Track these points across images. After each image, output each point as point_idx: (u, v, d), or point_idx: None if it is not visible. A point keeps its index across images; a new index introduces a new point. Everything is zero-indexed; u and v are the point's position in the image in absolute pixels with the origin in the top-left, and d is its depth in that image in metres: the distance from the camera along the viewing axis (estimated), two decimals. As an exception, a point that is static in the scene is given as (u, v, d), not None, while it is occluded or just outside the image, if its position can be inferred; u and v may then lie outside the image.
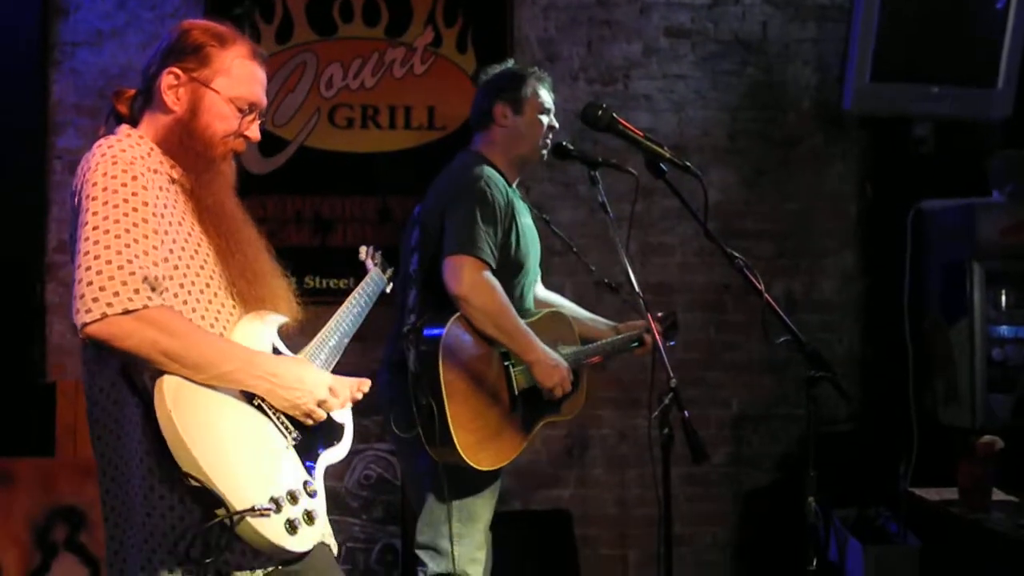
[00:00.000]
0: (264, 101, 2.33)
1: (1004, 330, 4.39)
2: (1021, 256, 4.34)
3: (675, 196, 2.95)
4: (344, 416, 2.37)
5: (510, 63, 3.73)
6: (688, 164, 2.90)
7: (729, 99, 5.20)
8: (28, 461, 4.73)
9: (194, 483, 1.97)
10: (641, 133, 2.99)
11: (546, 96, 3.55)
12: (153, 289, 2.01)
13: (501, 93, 3.52)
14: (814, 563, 2.74)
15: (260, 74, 2.31)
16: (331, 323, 2.50)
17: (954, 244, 4.43)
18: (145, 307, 1.98)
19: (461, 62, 5.07)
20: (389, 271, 3.00)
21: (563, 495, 5.11)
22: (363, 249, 3.02)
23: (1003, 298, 4.41)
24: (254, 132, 2.31)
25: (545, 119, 3.52)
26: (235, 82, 2.25)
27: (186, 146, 2.22)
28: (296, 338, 2.40)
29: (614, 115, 3.04)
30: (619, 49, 5.17)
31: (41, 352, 4.92)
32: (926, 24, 4.56)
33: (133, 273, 1.98)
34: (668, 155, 2.93)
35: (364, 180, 4.99)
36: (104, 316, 1.95)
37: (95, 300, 1.96)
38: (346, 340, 2.52)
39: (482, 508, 3.39)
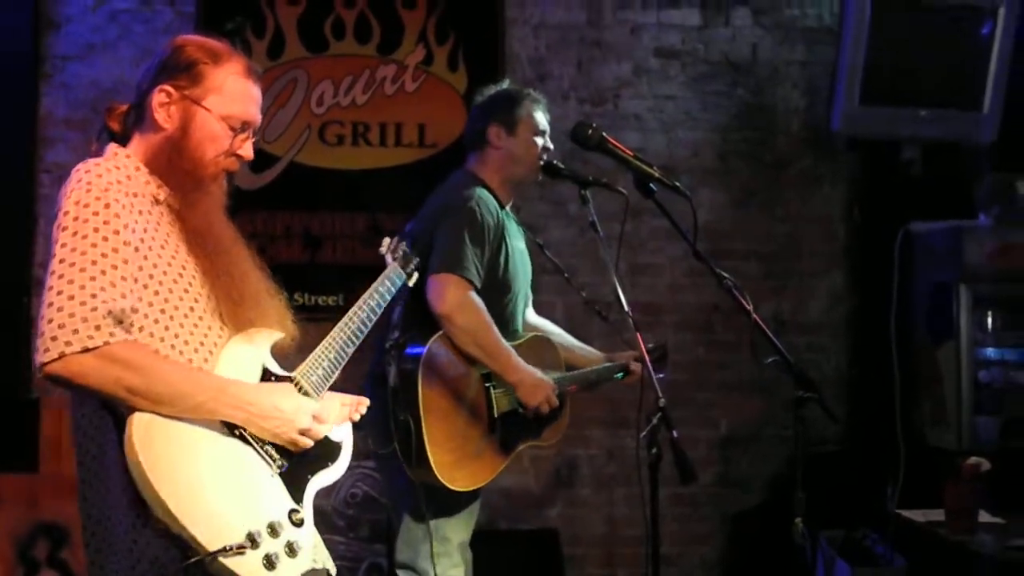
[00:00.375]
0: (258, 119, 2.27)
1: (990, 352, 4.39)
2: (1008, 279, 4.35)
3: (664, 216, 2.95)
4: (342, 434, 2.32)
5: (505, 83, 3.71)
6: (677, 184, 2.90)
7: (719, 120, 5.22)
8: (11, 477, 4.72)
9: (160, 526, 1.94)
10: (631, 152, 2.99)
11: (540, 118, 3.54)
12: (120, 322, 1.97)
13: (495, 114, 3.50)
14: None
15: (254, 91, 2.26)
16: (329, 337, 2.41)
17: (941, 266, 4.44)
18: (106, 343, 1.93)
19: (452, 80, 5.09)
20: (414, 262, 2.86)
21: (551, 514, 5.11)
22: (386, 241, 2.85)
23: (989, 320, 4.41)
24: (247, 151, 2.26)
25: (539, 140, 3.51)
26: (228, 100, 2.20)
27: (175, 165, 2.18)
28: (294, 356, 2.34)
29: (604, 135, 3.03)
30: (609, 69, 5.19)
31: (26, 367, 4.83)
32: (914, 48, 4.58)
33: (95, 309, 1.93)
34: (657, 175, 2.93)
35: (354, 197, 4.98)
36: (62, 355, 1.91)
37: (53, 339, 1.91)
38: (350, 349, 2.43)
39: (457, 528, 3.38)
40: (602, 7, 5.18)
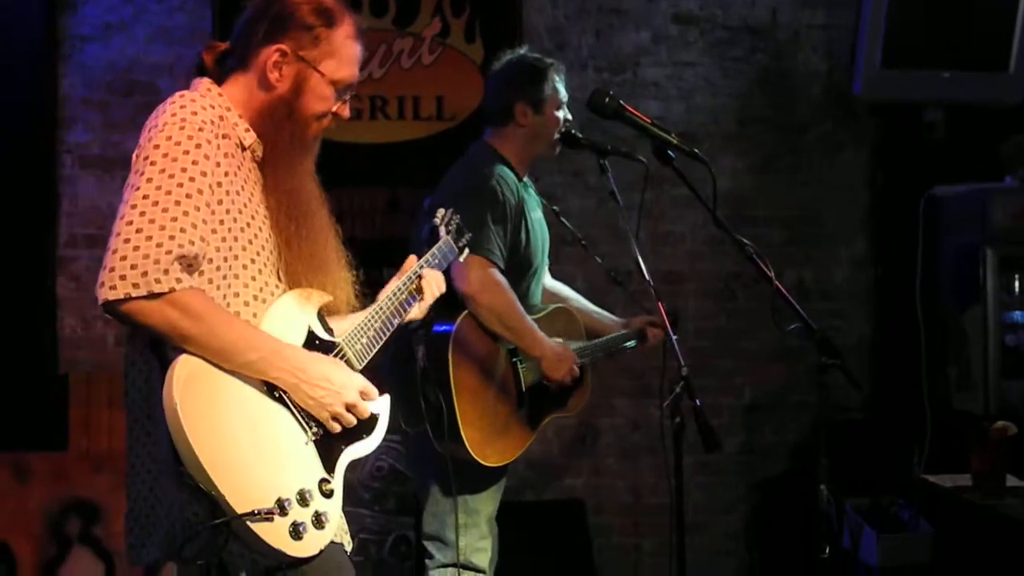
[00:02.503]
0: (357, 79, 2.27)
1: (1017, 315, 4.39)
2: None
3: (684, 184, 2.93)
4: (379, 406, 2.28)
5: (523, 50, 3.67)
6: (696, 151, 2.88)
7: (738, 86, 5.21)
8: (41, 455, 4.76)
9: (190, 482, 1.92)
10: (648, 119, 2.98)
11: (563, 91, 3.52)
12: (189, 267, 1.97)
13: (522, 91, 3.46)
14: (827, 551, 2.74)
15: (360, 52, 2.25)
16: (376, 306, 2.40)
17: (967, 230, 4.43)
18: (172, 290, 1.92)
19: (469, 52, 5.08)
20: (467, 236, 2.84)
21: (576, 484, 5.14)
22: (440, 212, 2.80)
23: (1016, 283, 4.41)
24: (345, 111, 2.27)
25: (561, 114, 3.50)
26: (340, 64, 2.20)
27: (282, 126, 2.17)
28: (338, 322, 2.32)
29: (621, 102, 3.02)
30: (628, 37, 5.17)
31: (53, 345, 4.95)
32: (936, 9, 4.56)
33: (170, 252, 1.93)
34: (676, 142, 2.92)
35: (373, 171, 4.98)
36: (128, 297, 1.91)
37: (122, 278, 1.91)
38: (396, 320, 2.42)
39: (486, 501, 3.41)
40: (620, -26, 5.17)
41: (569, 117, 3.55)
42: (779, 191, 5.20)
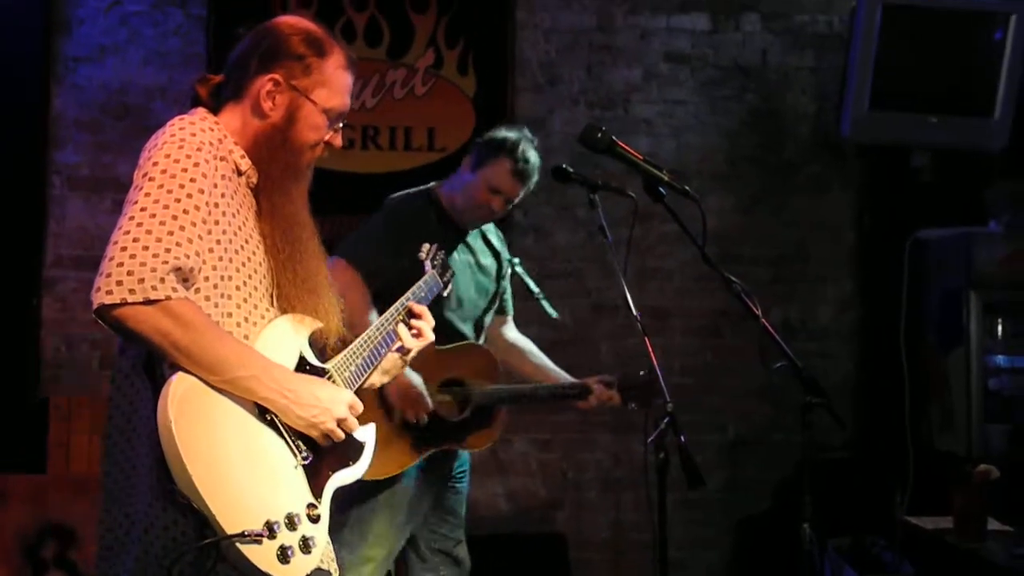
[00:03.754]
0: (348, 108, 2.30)
1: (1000, 359, 4.38)
2: (1018, 286, 4.35)
3: (674, 220, 2.93)
4: (365, 434, 2.29)
5: (520, 131, 3.60)
6: (687, 188, 2.89)
7: (728, 125, 5.23)
8: (19, 477, 4.73)
9: (182, 500, 1.91)
10: (640, 156, 2.98)
11: (506, 180, 3.49)
12: (184, 280, 1.97)
13: (477, 147, 3.56)
14: None
15: (351, 82, 2.28)
16: (365, 335, 2.41)
17: (951, 273, 4.44)
18: (167, 297, 1.93)
19: (462, 84, 5.10)
20: (449, 273, 2.88)
21: (557, 518, 5.12)
22: (425, 247, 2.86)
23: (999, 327, 4.40)
24: (337, 140, 2.29)
25: (490, 198, 3.49)
26: (332, 93, 2.23)
27: (277, 154, 2.20)
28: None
29: (613, 138, 3.02)
30: (619, 74, 5.20)
31: (35, 367, 4.92)
32: (924, 53, 4.59)
33: (166, 262, 1.94)
34: (667, 179, 2.92)
35: (364, 200, 4.96)
36: (123, 302, 1.91)
37: (119, 283, 1.91)
38: (383, 350, 2.44)
39: (376, 521, 3.39)
40: (612, 11, 5.20)
41: (508, 207, 3.56)
42: (766, 230, 5.20)
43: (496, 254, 3.72)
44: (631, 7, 5.19)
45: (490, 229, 3.73)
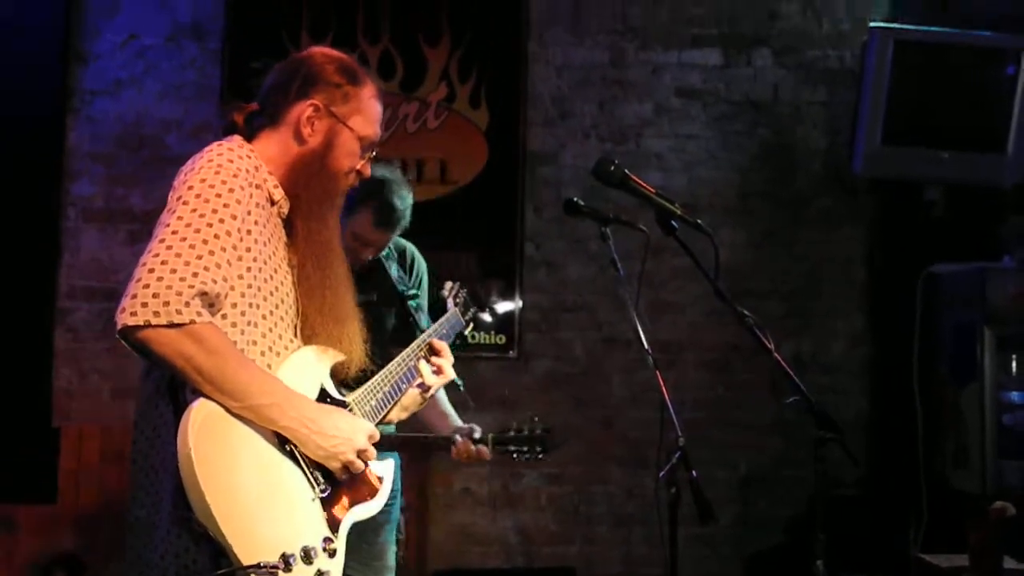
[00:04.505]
0: (379, 138, 2.32)
1: (1015, 395, 4.38)
2: None
3: (686, 254, 2.91)
4: (383, 469, 2.30)
5: (373, 174, 3.43)
6: (699, 222, 2.87)
7: (739, 159, 5.24)
8: (30, 508, 4.76)
9: (199, 528, 1.90)
10: (653, 189, 2.96)
11: (366, 229, 3.25)
12: (210, 305, 1.97)
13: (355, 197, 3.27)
14: None
15: (381, 111, 2.31)
16: (386, 370, 2.43)
17: (965, 309, 4.45)
18: (192, 322, 1.92)
19: (474, 118, 5.13)
20: (472, 311, 2.89)
21: (568, 552, 5.10)
22: (448, 284, 2.91)
23: (1014, 363, 4.41)
24: (367, 169, 2.31)
25: (362, 248, 3.25)
26: (367, 121, 2.25)
27: (314, 179, 2.21)
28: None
29: (626, 171, 2.99)
30: (631, 108, 5.23)
31: (47, 397, 4.93)
32: (936, 89, 4.60)
33: (192, 286, 1.94)
34: (679, 212, 2.90)
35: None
36: (147, 324, 1.90)
37: (144, 305, 1.91)
38: (404, 385, 2.46)
39: None
40: (624, 47, 5.23)
41: (370, 255, 3.33)
42: (777, 264, 5.21)
43: (384, 282, 3.44)
44: (642, 42, 5.23)
45: (394, 254, 3.48)
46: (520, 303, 5.04)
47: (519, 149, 5.13)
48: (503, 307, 3.61)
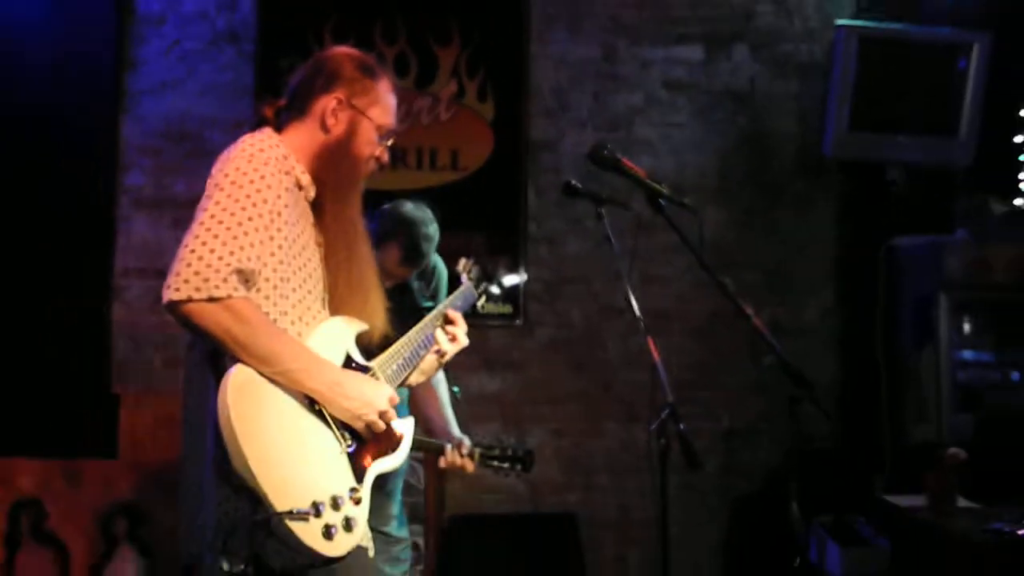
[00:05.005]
0: (395, 127, 2.33)
1: (967, 355, 4.38)
2: (982, 288, 4.35)
3: (673, 231, 2.92)
4: (404, 427, 2.30)
5: (404, 213, 3.31)
6: (685, 201, 2.88)
7: (721, 145, 5.22)
8: (94, 463, 4.80)
9: (237, 480, 1.91)
10: (643, 172, 2.96)
11: (392, 265, 3.22)
12: (246, 281, 1.99)
13: (376, 217, 3.28)
14: (797, 562, 2.72)
15: (396, 103, 2.32)
16: (406, 337, 2.42)
17: (923, 277, 4.44)
18: (229, 296, 1.95)
19: (482, 111, 5.12)
20: (483, 286, 2.89)
21: (570, 500, 5.11)
22: (462, 261, 2.89)
23: (967, 326, 4.41)
24: (385, 156, 2.32)
25: (385, 278, 3.03)
26: (383, 112, 2.27)
27: (339, 164, 2.22)
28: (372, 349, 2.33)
29: (618, 156, 2.99)
30: (623, 100, 5.20)
31: (107, 366, 4.95)
32: (897, 80, 4.60)
33: (229, 264, 1.96)
34: (667, 193, 2.90)
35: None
36: (189, 299, 1.93)
37: (186, 281, 1.94)
38: (422, 352, 2.45)
39: None
40: (616, 44, 5.20)
41: (392, 284, 3.24)
42: (756, 240, 5.19)
43: (406, 292, 3.42)
44: (633, 40, 5.20)
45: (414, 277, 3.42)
46: (524, 276, 5.01)
47: (522, 138, 5.11)
48: (510, 280, 3.60)
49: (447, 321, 2.52)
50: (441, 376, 3.49)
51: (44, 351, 4.84)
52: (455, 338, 2.51)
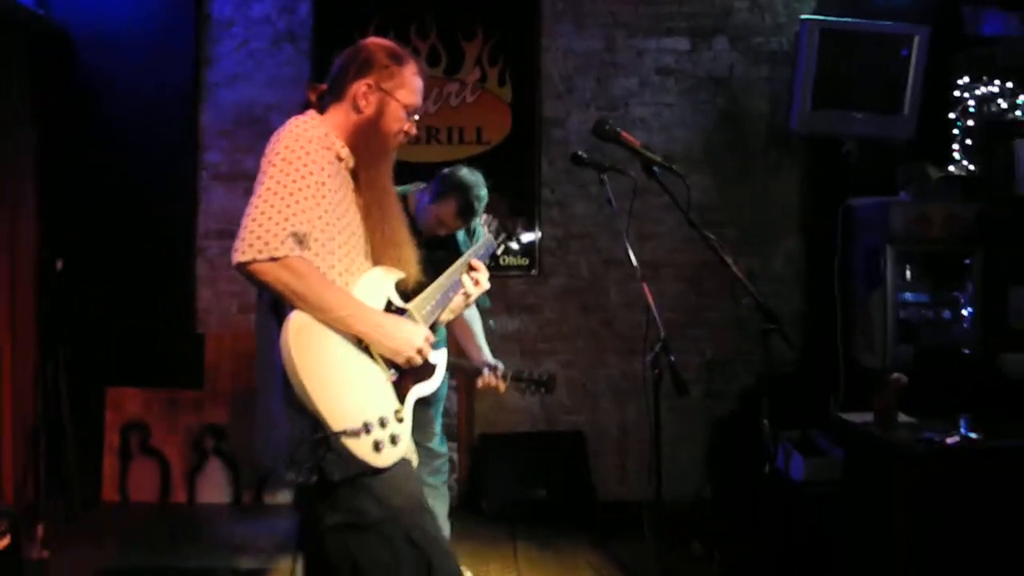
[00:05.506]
0: (421, 105, 2.27)
1: (908, 296, 4.35)
2: (921, 241, 4.29)
3: (665, 193, 2.90)
4: (438, 357, 2.27)
5: (461, 176, 3.28)
6: (674, 167, 2.85)
7: (704, 122, 5.20)
8: (186, 392, 4.88)
9: (300, 405, 1.92)
10: (639, 143, 2.93)
11: (449, 217, 3.23)
12: (299, 242, 1.97)
13: (435, 179, 3.28)
14: (767, 469, 2.73)
15: (422, 85, 2.26)
16: (436, 283, 2.37)
17: (872, 232, 4.40)
18: (287, 256, 1.93)
19: (501, 94, 5.11)
20: (502, 236, 2.89)
21: (579, 421, 5.15)
22: (484, 216, 2.93)
23: (908, 273, 4.37)
24: (413, 129, 2.26)
25: (439, 227, 3.26)
26: (409, 92, 2.22)
27: (371, 140, 2.18)
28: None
29: (618, 129, 2.95)
30: (621, 83, 5.18)
31: (193, 312, 5.02)
32: (851, 66, 4.53)
33: (285, 229, 1.94)
34: (660, 161, 2.87)
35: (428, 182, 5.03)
36: (254, 260, 1.93)
37: (251, 245, 1.93)
38: (451, 294, 2.41)
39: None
40: (615, 36, 5.17)
41: (444, 233, 3.28)
42: (734, 201, 5.17)
43: (451, 244, 3.42)
44: (629, 32, 5.16)
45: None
46: (539, 234, 5.04)
47: (536, 117, 5.10)
48: (527, 237, 3.57)
49: (471, 268, 2.50)
50: (475, 313, 3.50)
51: (144, 300, 4.91)
52: (478, 282, 2.49)
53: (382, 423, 2.01)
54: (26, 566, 3.53)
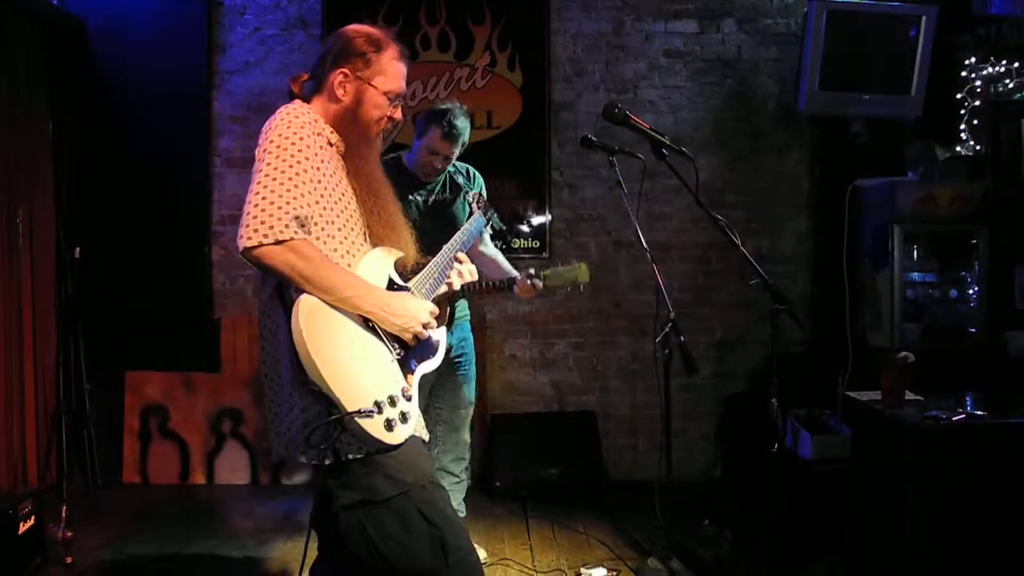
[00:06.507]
0: (404, 90, 2.23)
1: (915, 275, 4.37)
2: (929, 220, 4.30)
3: (674, 175, 2.92)
4: (440, 335, 2.28)
5: (440, 105, 3.39)
6: (684, 149, 2.86)
7: (713, 103, 5.18)
8: (203, 375, 4.91)
9: (313, 388, 1.92)
10: (647, 126, 2.94)
11: (437, 142, 3.31)
12: (302, 226, 1.96)
13: (416, 120, 3.38)
14: (775, 448, 2.74)
15: (404, 69, 2.22)
16: (434, 260, 2.39)
17: (880, 212, 4.40)
18: (291, 239, 1.93)
19: (511, 78, 5.10)
20: (491, 212, 2.95)
21: (589, 400, 5.16)
22: (472, 194, 3.02)
23: (915, 252, 4.39)
24: (398, 114, 2.24)
25: (433, 158, 3.34)
26: (388, 79, 2.18)
27: (351, 128, 2.17)
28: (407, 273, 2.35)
29: (627, 112, 2.97)
30: (630, 66, 5.16)
31: (209, 296, 5.04)
32: (859, 47, 4.52)
33: (288, 212, 1.94)
34: (668, 142, 2.88)
35: (439, 167, 5.04)
36: (259, 244, 1.92)
37: (255, 230, 1.92)
38: (448, 270, 2.43)
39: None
40: (623, 19, 5.15)
41: (440, 164, 3.35)
42: (743, 182, 5.16)
43: (455, 188, 3.49)
44: (637, 16, 5.14)
45: (460, 171, 3.53)
46: (549, 216, 5.03)
47: (545, 100, 5.09)
48: (537, 219, 3.61)
49: (457, 261, 2.51)
50: (493, 248, 3.49)
51: (161, 286, 4.93)
52: (462, 274, 2.51)
53: (392, 401, 2.02)
54: (50, 546, 3.59)
